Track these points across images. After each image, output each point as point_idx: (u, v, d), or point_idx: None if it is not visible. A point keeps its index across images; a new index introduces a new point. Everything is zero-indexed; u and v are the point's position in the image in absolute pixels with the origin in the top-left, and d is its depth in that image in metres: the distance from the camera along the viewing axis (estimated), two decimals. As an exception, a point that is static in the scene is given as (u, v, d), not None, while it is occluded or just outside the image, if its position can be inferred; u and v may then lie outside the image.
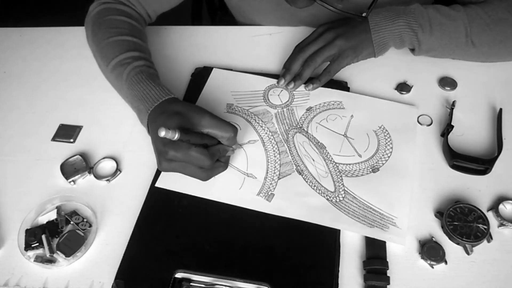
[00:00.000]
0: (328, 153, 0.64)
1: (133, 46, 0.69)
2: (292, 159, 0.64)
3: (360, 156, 0.63)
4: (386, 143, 0.64)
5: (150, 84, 0.63)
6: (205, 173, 0.59)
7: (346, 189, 0.60)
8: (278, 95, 0.71)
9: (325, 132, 0.66)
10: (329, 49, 0.69)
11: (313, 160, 0.63)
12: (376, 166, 0.62)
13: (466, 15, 0.68)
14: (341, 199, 0.59)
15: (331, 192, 0.60)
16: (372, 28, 0.69)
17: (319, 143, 0.65)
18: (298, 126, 0.67)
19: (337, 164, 0.63)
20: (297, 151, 0.65)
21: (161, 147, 0.55)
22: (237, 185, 0.61)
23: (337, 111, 0.68)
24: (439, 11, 0.68)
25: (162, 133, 0.51)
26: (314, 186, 0.61)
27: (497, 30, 0.67)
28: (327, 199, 0.59)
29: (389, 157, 0.63)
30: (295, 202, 0.59)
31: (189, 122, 0.57)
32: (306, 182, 0.61)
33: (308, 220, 0.57)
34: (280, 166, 0.63)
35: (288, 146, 0.65)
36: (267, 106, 0.71)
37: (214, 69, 0.77)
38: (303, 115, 0.69)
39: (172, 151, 0.54)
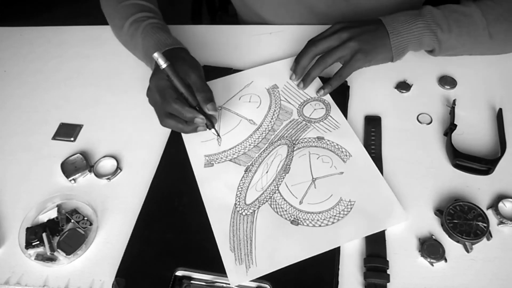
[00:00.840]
0: (283, 179, 0.61)
1: (147, 8, 0.76)
2: (256, 157, 0.64)
3: (300, 203, 0.59)
4: (335, 214, 0.57)
5: (165, 35, 0.70)
6: (166, 119, 0.62)
7: (256, 211, 0.58)
8: (314, 109, 0.69)
9: (303, 164, 0.62)
10: (341, 50, 0.67)
11: (266, 173, 0.62)
12: (298, 220, 0.57)
13: (479, 9, 0.68)
14: (244, 212, 0.58)
15: (244, 203, 0.59)
16: (390, 32, 0.67)
17: (287, 167, 0.62)
18: (293, 143, 0.65)
19: (276, 191, 0.60)
20: (266, 156, 0.64)
21: (150, 77, 0.63)
22: (201, 137, 0.66)
23: (337, 158, 0.63)
24: (453, 9, 0.69)
25: (155, 54, 0.59)
26: (241, 187, 0.60)
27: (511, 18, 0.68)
28: (236, 203, 0.59)
29: (319, 225, 0.56)
30: (216, 185, 0.61)
31: (181, 69, 0.62)
32: (241, 179, 0.61)
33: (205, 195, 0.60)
34: (242, 154, 0.64)
35: (266, 148, 0.65)
36: (295, 109, 0.69)
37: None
38: (309, 138, 0.65)
39: (152, 80, 0.62)
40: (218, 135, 0.65)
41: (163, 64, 0.59)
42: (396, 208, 0.57)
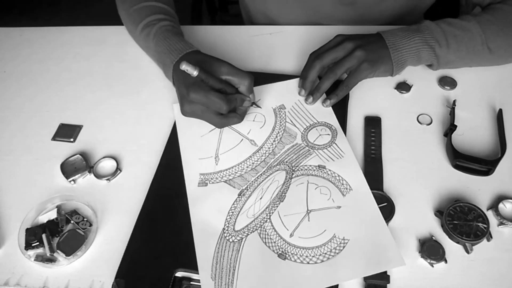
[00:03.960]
0: (276, 207, 0.58)
1: (159, 10, 0.76)
2: (252, 181, 0.61)
3: (290, 236, 0.55)
4: (326, 252, 0.54)
5: (175, 39, 0.70)
6: (221, 120, 0.64)
7: (244, 240, 0.55)
8: (320, 135, 0.65)
9: (300, 194, 0.59)
10: (349, 60, 0.66)
11: (260, 199, 0.59)
12: (286, 255, 0.54)
13: (478, 24, 0.68)
14: (232, 239, 0.55)
15: (233, 229, 0.56)
16: (390, 47, 0.67)
17: (283, 194, 0.59)
18: (292, 169, 0.62)
19: (268, 220, 0.57)
20: (262, 181, 0.61)
21: (184, 90, 0.62)
22: (198, 154, 0.65)
23: (336, 191, 0.59)
24: (452, 24, 0.69)
25: (183, 65, 0.58)
26: (231, 212, 0.58)
27: (511, 33, 0.68)
28: (224, 228, 0.56)
29: (307, 262, 0.53)
30: (207, 206, 0.59)
31: (210, 69, 0.62)
32: (233, 203, 0.59)
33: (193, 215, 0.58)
34: (238, 176, 0.62)
35: (263, 172, 0.62)
36: (300, 133, 0.66)
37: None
38: (310, 165, 0.62)
39: (192, 93, 0.60)
40: (259, 106, 0.68)
41: (194, 72, 0.60)
42: (393, 252, 0.53)
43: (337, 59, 0.68)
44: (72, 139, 0.70)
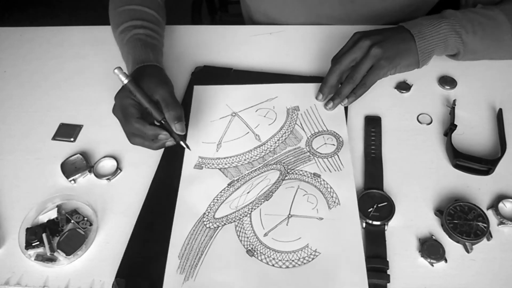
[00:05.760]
0: (260, 204, 0.58)
1: (139, 15, 0.75)
2: (244, 174, 0.62)
3: (264, 235, 0.55)
4: (294, 259, 0.53)
5: (141, 50, 0.69)
6: (129, 134, 0.61)
7: (220, 228, 0.56)
8: (325, 143, 0.64)
9: (286, 197, 0.59)
10: (366, 62, 0.65)
11: (247, 193, 0.59)
12: (254, 252, 0.54)
13: (503, 12, 0.67)
14: (209, 225, 0.56)
15: (212, 216, 0.57)
16: (416, 36, 0.65)
17: (270, 194, 0.59)
18: (286, 171, 0.61)
19: (248, 215, 0.57)
20: (255, 176, 0.61)
21: (116, 97, 0.63)
22: (203, 138, 0.67)
23: (323, 202, 0.58)
24: (476, 12, 0.68)
25: (115, 70, 0.59)
26: (216, 199, 0.59)
27: None
28: (205, 213, 0.58)
29: (272, 265, 0.53)
30: (196, 189, 0.60)
31: (147, 84, 0.62)
32: (220, 191, 0.60)
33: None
34: (233, 166, 0.63)
35: (258, 168, 0.62)
36: (306, 138, 0.66)
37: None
38: (305, 171, 0.61)
39: (116, 97, 0.62)
40: (188, 147, 0.63)
41: (124, 80, 0.60)
42: (359, 278, 0.51)
43: (356, 60, 0.66)
44: (72, 139, 0.70)
